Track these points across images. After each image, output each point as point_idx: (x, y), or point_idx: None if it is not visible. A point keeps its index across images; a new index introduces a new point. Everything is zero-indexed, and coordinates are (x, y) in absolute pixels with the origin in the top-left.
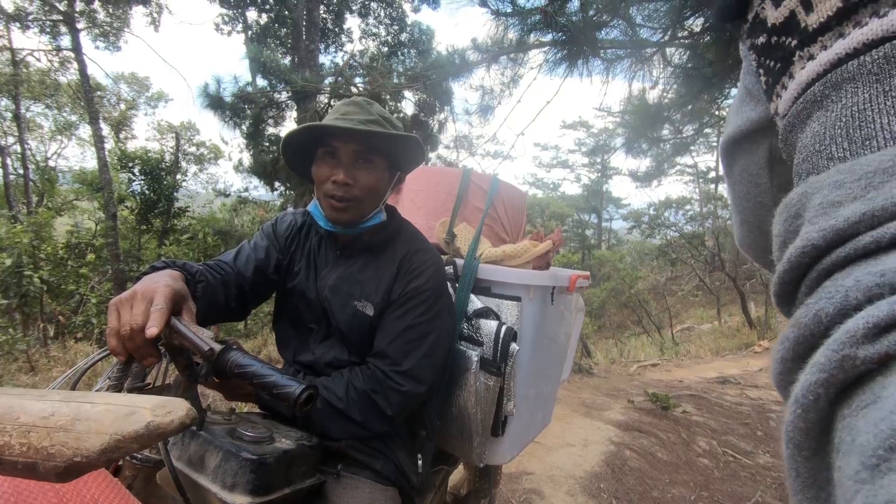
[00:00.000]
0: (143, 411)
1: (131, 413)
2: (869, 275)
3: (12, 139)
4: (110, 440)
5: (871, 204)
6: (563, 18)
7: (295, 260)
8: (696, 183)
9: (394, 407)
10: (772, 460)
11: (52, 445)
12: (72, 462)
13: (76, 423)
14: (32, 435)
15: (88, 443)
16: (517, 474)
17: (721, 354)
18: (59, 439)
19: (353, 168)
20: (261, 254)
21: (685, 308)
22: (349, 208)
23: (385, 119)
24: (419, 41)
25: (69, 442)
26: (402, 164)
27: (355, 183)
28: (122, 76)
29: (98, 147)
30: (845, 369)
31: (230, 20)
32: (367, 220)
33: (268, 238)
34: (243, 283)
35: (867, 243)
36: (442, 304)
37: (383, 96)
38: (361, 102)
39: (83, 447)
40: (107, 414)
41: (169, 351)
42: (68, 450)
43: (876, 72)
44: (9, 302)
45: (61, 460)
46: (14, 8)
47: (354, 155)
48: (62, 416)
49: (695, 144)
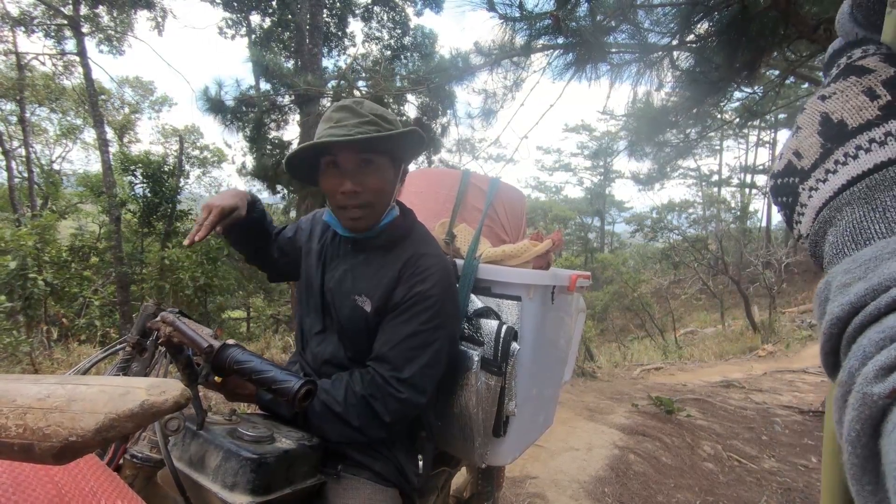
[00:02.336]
0: (137, 391)
1: (126, 393)
2: (876, 332)
3: (17, 143)
4: (105, 419)
5: (870, 282)
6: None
7: (309, 243)
8: (699, 186)
9: (391, 414)
10: (777, 465)
11: (47, 426)
12: (67, 442)
13: (71, 403)
14: (28, 416)
15: (83, 422)
16: (521, 478)
17: (725, 358)
18: (55, 420)
19: (357, 175)
20: (290, 232)
21: (688, 312)
22: (364, 216)
23: (379, 116)
24: (422, 45)
25: (64, 422)
26: (405, 157)
27: (364, 189)
28: (126, 80)
29: (102, 150)
30: (867, 405)
31: (233, 24)
32: (384, 219)
33: (297, 228)
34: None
35: (872, 311)
36: (446, 312)
37: (386, 99)
38: (351, 105)
39: (78, 427)
40: (101, 394)
41: (169, 349)
42: (64, 430)
43: (864, 196)
44: (13, 304)
45: (57, 440)
46: (19, 12)
47: (356, 161)
48: (58, 398)
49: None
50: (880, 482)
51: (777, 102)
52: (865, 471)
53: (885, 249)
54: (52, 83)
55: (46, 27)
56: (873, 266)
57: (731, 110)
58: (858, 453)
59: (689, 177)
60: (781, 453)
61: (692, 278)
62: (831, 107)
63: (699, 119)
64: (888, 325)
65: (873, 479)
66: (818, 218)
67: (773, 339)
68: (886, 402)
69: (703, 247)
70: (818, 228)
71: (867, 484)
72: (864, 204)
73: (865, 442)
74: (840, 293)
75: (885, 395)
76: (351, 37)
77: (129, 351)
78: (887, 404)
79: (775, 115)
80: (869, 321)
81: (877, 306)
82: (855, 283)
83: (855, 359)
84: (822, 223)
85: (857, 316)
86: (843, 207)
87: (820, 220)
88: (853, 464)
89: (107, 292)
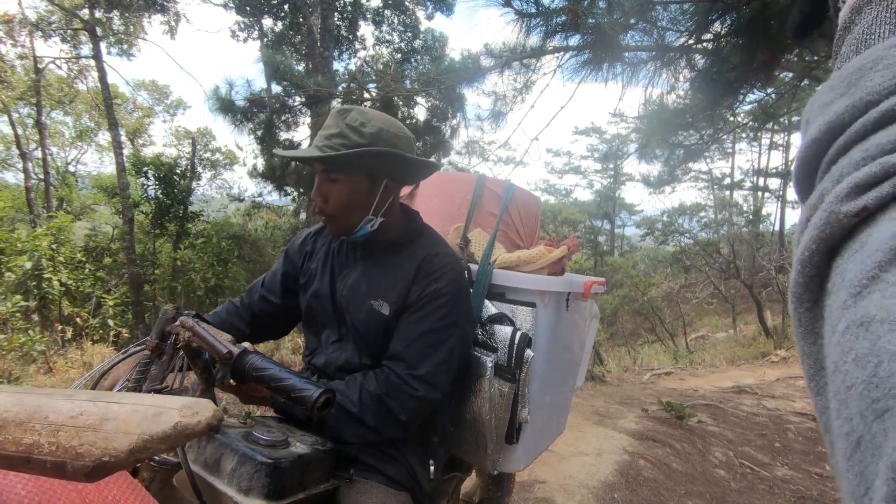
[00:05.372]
0: (170, 412)
1: (159, 413)
2: (858, 151)
3: (34, 145)
4: (138, 440)
5: (852, 97)
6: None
7: (309, 261)
8: (711, 189)
9: (407, 412)
10: (790, 473)
11: (80, 445)
12: (100, 462)
13: (104, 422)
14: (61, 434)
15: (116, 443)
16: (529, 483)
17: (736, 363)
18: (88, 439)
19: (322, 186)
20: (278, 274)
21: (699, 316)
22: (330, 223)
23: (352, 129)
24: (432, 48)
25: (98, 441)
26: (387, 172)
27: (326, 201)
28: (142, 84)
29: (116, 153)
30: (831, 224)
31: (246, 27)
32: (358, 230)
33: (284, 258)
34: (255, 310)
35: (859, 129)
36: (461, 310)
37: (395, 101)
38: (339, 113)
39: (111, 447)
40: (134, 414)
41: (187, 353)
42: (97, 449)
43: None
44: (28, 304)
45: (90, 460)
46: (37, 17)
47: (323, 174)
48: (91, 416)
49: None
50: (820, 311)
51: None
52: (808, 288)
53: (870, 58)
54: (66, 87)
55: (63, 32)
56: (856, 79)
57: (745, 112)
58: (806, 272)
59: (700, 180)
60: (794, 461)
61: (703, 282)
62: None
63: (713, 121)
64: (875, 142)
65: (813, 297)
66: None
67: (786, 345)
68: (853, 221)
69: (715, 251)
70: (839, 36)
71: (806, 301)
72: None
73: (817, 261)
74: (820, 113)
75: (853, 213)
76: (361, 40)
77: (149, 354)
78: (854, 223)
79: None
80: (852, 141)
81: (863, 123)
82: (836, 101)
83: (829, 179)
84: (842, 29)
85: (840, 136)
86: (862, 8)
87: (842, 26)
88: (798, 282)
89: (120, 292)
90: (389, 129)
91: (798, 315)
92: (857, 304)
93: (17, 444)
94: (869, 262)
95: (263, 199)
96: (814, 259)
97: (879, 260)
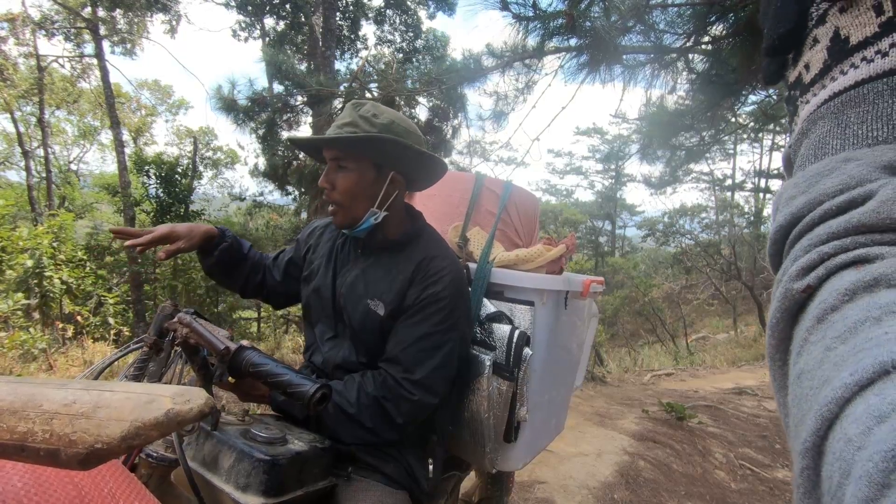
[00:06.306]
0: (162, 399)
1: (151, 401)
2: (806, 239)
3: (36, 143)
4: (130, 427)
5: (810, 195)
6: (588, 22)
7: (312, 253)
8: (712, 191)
9: (403, 415)
10: (790, 474)
11: (73, 432)
12: (93, 449)
13: (97, 410)
14: (55, 422)
15: (109, 430)
16: (529, 483)
17: (737, 365)
18: (81, 426)
19: (331, 173)
20: (290, 253)
21: (700, 317)
22: (337, 212)
23: (364, 119)
24: (434, 48)
25: (90, 429)
26: (395, 165)
27: (333, 188)
28: (145, 83)
29: (118, 151)
30: (788, 298)
31: (247, 26)
32: (362, 223)
33: (295, 245)
34: (267, 270)
35: (808, 221)
36: (459, 314)
37: (397, 101)
38: (354, 105)
39: (104, 434)
40: (126, 402)
41: (185, 350)
42: (90, 436)
43: (835, 111)
44: (30, 302)
45: (83, 447)
46: (41, 16)
47: (333, 161)
48: (84, 404)
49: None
50: (787, 361)
51: None
52: (779, 350)
53: (826, 166)
54: (69, 86)
55: (66, 30)
56: (814, 182)
57: (746, 114)
58: (776, 335)
59: (701, 181)
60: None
61: (704, 283)
62: (843, 21)
63: (714, 122)
64: (817, 233)
65: (783, 357)
66: (800, 128)
67: None
68: (802, 296)
69: (716, 252)
70: (796, 139)
71: (778, 360)
72: (833, 119)
73: (783, 328)
74: (787, 204)
75: (801, 290)
76: (363, 40)
77: (147, 351)
78: (803, 298)
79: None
80: (805, 230)
81: (811, 218)
82: (798, 196)
83: (789, 261)
84: (800, 134)
85: (797, 225)
86: (817, 121)
87: (801, 131)
88: (771, 345)
89: (121, 291)
90: (401, 122)
91: (773, 372)
92: (797, 362)
93: (12, 432)
94: (803, 329)
95: (265, 198)
96: (780, 325)
97: (808, 327)
